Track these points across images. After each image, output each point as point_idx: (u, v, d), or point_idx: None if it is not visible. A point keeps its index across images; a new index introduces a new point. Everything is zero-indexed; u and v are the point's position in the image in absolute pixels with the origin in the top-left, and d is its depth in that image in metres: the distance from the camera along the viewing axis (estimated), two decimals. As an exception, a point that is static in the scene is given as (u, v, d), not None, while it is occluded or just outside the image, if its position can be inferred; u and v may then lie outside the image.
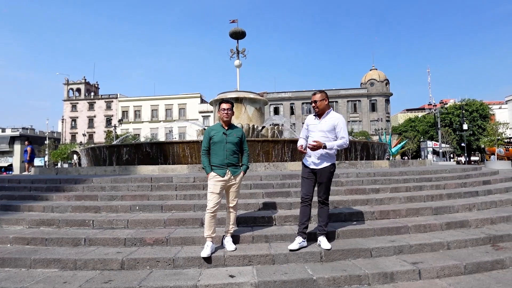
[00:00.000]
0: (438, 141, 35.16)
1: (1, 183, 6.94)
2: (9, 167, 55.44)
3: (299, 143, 3.81)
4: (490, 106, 46.94)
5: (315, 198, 3.77)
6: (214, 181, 3.57)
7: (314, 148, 3.46)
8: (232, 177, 3.64)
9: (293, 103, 55.91)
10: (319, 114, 3.68)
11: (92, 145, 22.37)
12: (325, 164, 3.60)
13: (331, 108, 3.75)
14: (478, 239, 3.88)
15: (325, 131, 3.57)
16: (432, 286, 2.98)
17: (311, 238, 3.77)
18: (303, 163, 3.78)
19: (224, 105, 3.75)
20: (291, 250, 3.42)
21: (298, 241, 3.51)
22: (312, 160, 3.63)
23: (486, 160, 32.53)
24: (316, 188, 3.71)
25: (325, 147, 3.49)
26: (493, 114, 48.36)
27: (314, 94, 3.69)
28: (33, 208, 5.05)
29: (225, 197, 3.77)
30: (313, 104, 3.67)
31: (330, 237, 3.88)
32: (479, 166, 10.98)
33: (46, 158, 50.03)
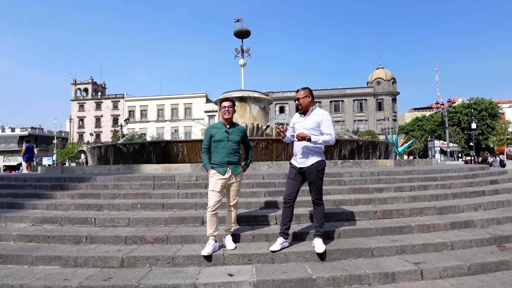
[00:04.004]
0: (445, 141, 34.72)
1: (7, 181, 7.04)
2: (18, 166, 56.33)
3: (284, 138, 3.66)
4: (499, 104, 46.13)
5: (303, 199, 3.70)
6: (214, 179, 3.56)
7: (298, 139, 3.37)
8: (232, 175, 3.63)
9: (299, 103, 55.65)
10: (304, 112, 3.62)
11: (98, 144, 22.60)
12: (312, 161, 3.49)
13: (316, 105, 3.68)
14: (483, 240, 3.80)
15: (309, 129, 3.46)
16: (434, 287, 2.93)
17: (310, 237, 3.74)
18: (290, 163, 3.69)
19: (225, 103, 3.73)
20: (272, 251, 3.38)
21: (280, 242, 3.47)
22: (299, 158, 3.55)
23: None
24: (304, 188, 3.65)
25: (309, 140, 3.38)
26: (503, 113, 47.54)
27: (298, 91, 3.63)
28: (37, 206, 5.10)
29: (226, 195, 3.76)
30: (297, 102, 3.61)
31: (331, 237, 3.85)
32: (487, 165, 10.79)
33: (54, 157, 50.73)
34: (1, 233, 4.08)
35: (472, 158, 22.40)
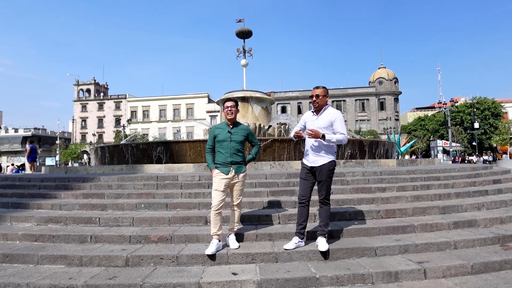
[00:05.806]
0: (448, 140, 34.58)
1: (12, 181, 7.10)
2: (22, 167, 56.61)
3: (291, 134, 3.69)
4: (502, 104, 45.90)
5: (314, 198, 3.73)
6: (218, 179, 3.58)
7: (312, 135, 3.36)
8: (236, 175, 3.64)
9: (301, 102, 55.69)
10: (317, 110, 3.60)
11: (101, 145, 22.68)
12: (324, 161, 3.50)
13: (329, 105, 3.68)
14: (486, 239, 3.80)
15: (322, 128, 3.46)
16: (438, 286, 2.93)
17: (314, 237, 3.75)
18: (302, 163, 3.71)
19: (228, 103, 3.75)
20: (286, 249, 3.40)
21: (295, 241, 3.48)
22: (311, 157, 3.55)
23: (498, 159, 31.84)
24: (316, 187, 3.66)
25: (323, 137, 3.38)
26: (506, 112, 47.27)
27: (316, 88, 3.58)
28: (42, 205, 5.15)
29: (229, 195, 3.78)
30: (314, 99, 3.55)
31: (335, 236, 3.86)
32: (490, 165, 10.76)
33: (57, 158, 50.91)
34: (7, 232, 4.12)
35: (454, 157, 24.91)
